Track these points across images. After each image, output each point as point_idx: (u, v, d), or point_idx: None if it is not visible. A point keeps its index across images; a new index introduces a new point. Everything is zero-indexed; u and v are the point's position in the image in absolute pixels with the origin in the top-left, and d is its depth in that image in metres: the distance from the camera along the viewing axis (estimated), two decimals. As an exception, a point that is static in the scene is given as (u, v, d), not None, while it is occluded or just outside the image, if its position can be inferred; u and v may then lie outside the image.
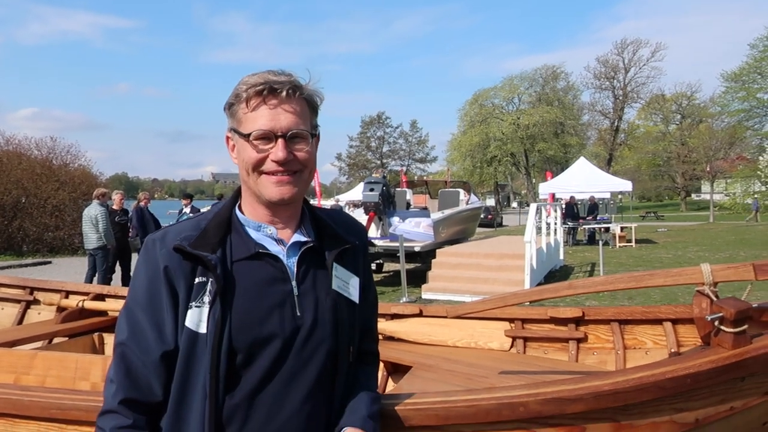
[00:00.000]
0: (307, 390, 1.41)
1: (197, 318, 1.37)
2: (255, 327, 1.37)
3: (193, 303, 1.38)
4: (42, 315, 4.16)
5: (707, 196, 51.67)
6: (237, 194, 1.55)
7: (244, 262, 1.43)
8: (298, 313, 1.42)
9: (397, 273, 12.47)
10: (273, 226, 1.49)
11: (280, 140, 1.39)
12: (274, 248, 1.47)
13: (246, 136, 1.40)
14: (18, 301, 4.22)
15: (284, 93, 1.39)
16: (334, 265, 1.50)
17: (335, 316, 1.46)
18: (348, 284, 1.53)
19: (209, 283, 1.38)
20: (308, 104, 1.45)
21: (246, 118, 1.41)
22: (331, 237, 1.54)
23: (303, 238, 1.50)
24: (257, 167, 1.41)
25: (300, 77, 1.44)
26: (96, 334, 3.72)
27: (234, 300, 1.38)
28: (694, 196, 71.08)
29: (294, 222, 1.52)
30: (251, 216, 1.50)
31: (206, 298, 1.37)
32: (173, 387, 1.38)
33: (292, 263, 1.46)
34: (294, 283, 1.44)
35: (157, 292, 1.39)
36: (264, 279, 1.42)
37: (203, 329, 1.36)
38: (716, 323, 1.80)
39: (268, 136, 1.39)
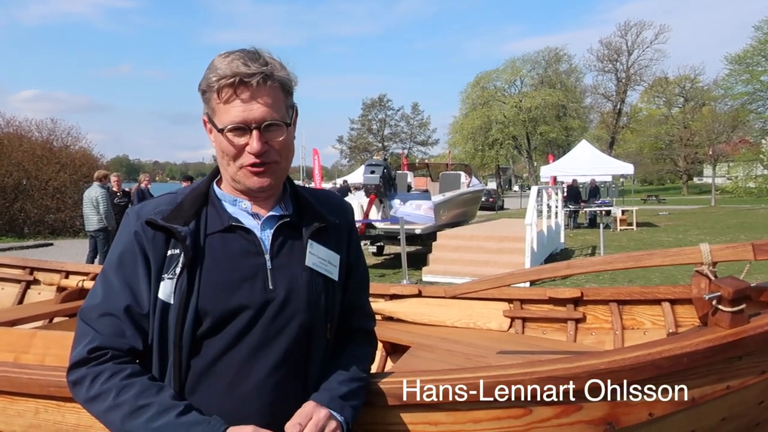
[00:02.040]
0: (275, 363, 1.40)
1: (169, 289, 1.38)
2: (223, 298, 1.38)
3: (166, 275, 1.39)
4: (42, 295, 4.17)
5: (709, 180, 51.56)
6: (217, 170, 1.54)
7: (218, 234, 1.44)
8: (270, 286, 1.41)
9: (397, 255, 12.49)
10: (249, 201, 1.49)
11: (254, 132, 1.37)
12: (249, 222, 1.47)
13: (220, 131, 1.38)
14: (18, 281, 4.24)
15: (255, 83, 1.35)
16: (310, 241, 1.49)
17: (309, 292, 1.45)
18: (326, 261, 1.51)
19: (181, 255, 1.39)
20: (282, 89, 1.42)
21: (219, 110, 1.38)
22: (311, 214, 1.53)
23: (279, 212, 1.50)
24: (234, 159, 1.40)
25: (272, 62, 1.40)
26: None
27: (204, 271, 1.39)
28: (696, 180, 70.95)
29: (272, 198, 1.51)
30: (229, 192, 1.50)
31: (177, 270, 1.38)
32: (153, 358, 1.40)
33: (266, 237, 1.46)
34: (267, 256, 1.44)
35: (132, 257, 1.41)
36: (236, 251, 1.43)
37: (171, 300, 1.37)
38: (714, 302, 1.80)
39: (242, 128, 1.37)
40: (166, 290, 1.38)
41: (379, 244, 14.57)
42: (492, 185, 60.49)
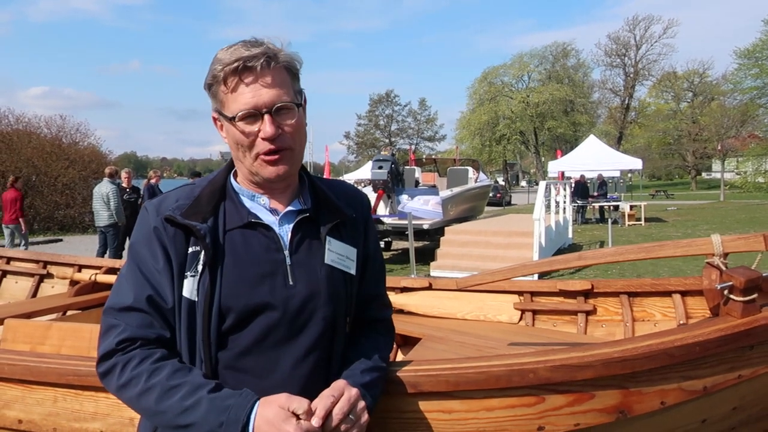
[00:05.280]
0: (300, 356, 1.42)
1: (192, 287, 1.39)
2: (245, 295, 1.39)
3: (188, 273, 1.39)
4: (55, 288, 4.22)
5: (718, 175, 51.25)
6: (233, 162, 1.53)
7: (237, 231, 1.44)
8: (291, 282, 1.42)
9: (405, 251, 12.51)
10: (267, 197, 1.48)
11: (266, 116, 1.36)
12: (268, 218, 1.47)
13: (231, 120, 1.37)
14: (32, 275, 4.29)
15: (259, 67, 1.34)
16: (328, 238, 1.49)
17: (329, 286, 1.46)
18: (343, 257, 1.52)
19: (201, 253, 1.39)
20: (287, 71, 1.41)
21: (227, 99, 1.38)
22: (328, 208, 1.53)
23: (298, 207, 1.50)
24: (249, 149, 1.39)
25: (272, 43, 1.40)
26: (109, 306, 3.76)
27: (224, 268, 1.40)
28: (704, 175, 70.54)
29: (290, 192, 1.51)
30: (246, 186, 1.50)
31: (199, 268, 1.39)
32: (182, 353, 1.41)
33: (285, 233, 1.46)
34: (286, 252, 1.44)
35: (153, 252, 1.41)
36: (256, 248, 1.43)
37: (196, 297, 1.38)
38: (726, 292, 1.80)
39: (254, 115, 1.36)
40: (189, 288, 1.39)
41: (386, 239, 14.59)
42: (500, 180, 60.29)
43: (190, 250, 1.40)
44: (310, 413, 1.31)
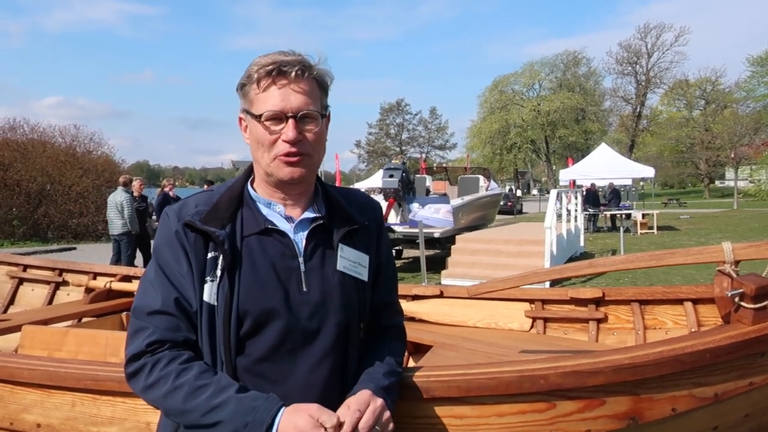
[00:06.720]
0: (315, 362, 1.45)
1: (212, 291, 1.42)
2: (260, 300, 1.42)
3: (208, 278, 1.43)
4: (71, 296, 4.27)
5: (731, 183, 50.81)
6: (250, 170, 1.58)
7: (254, 237, 1.47)
8: (305, 289, 1.46)
9: (416, 259, 12.50)
10: (282, 205, 1.52)
11: (290, 120, 1.41)
12: (283, 225, 1.50)
13: (257, 117, 1.43)
14: (48, 282, 4.34)
15: (293, 73, 1.41)
16: (341, 245, 1.53)
17: (342, 293, 1.49)
18: (356, 263, 1.55)
19: (220, 258, 1.43)
20: (318, 84, 1.47)
21: (257, 99, 1.44)
22: (341, 216, 1.57)
23: (312, 215, 1.53)
24: (269, 148, 1.44)
25: (310, 57, 1.46)
26: (124, 313, 3.81)
27: (242, 274, 1.43)
28: (717, 183, 69.95)
29: (304, 200, 1.55)
30: (262, 194, 1.54)
31: (218, 273, 1.43)
32: (204, 355, 1.44)
33: (300, 239, 1.50)
34: (301, 259, 1.48)
35: (176, 256, 1.45)
36: (272, 254, 1.46)
37: (215, 301, 1.42)
38: (736, 299, 1.81)
39: (279, 117, 1.42)
40: (209, 292, 1.42)
41: (397, 247, 14.60)
42: (514, 189, 60.02)
43: (209, 255, 1.44)
44: (338, 428, 1.33)
